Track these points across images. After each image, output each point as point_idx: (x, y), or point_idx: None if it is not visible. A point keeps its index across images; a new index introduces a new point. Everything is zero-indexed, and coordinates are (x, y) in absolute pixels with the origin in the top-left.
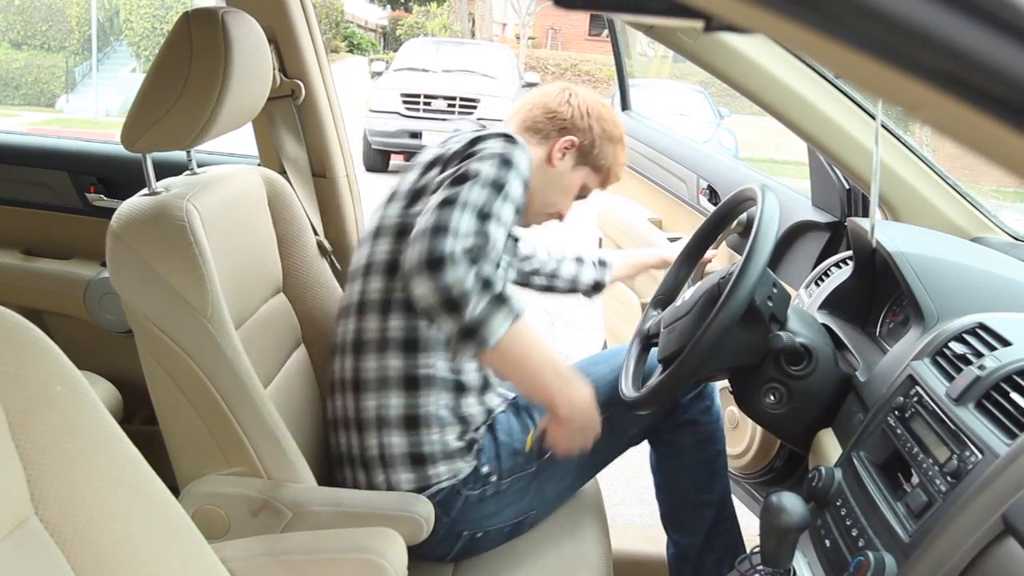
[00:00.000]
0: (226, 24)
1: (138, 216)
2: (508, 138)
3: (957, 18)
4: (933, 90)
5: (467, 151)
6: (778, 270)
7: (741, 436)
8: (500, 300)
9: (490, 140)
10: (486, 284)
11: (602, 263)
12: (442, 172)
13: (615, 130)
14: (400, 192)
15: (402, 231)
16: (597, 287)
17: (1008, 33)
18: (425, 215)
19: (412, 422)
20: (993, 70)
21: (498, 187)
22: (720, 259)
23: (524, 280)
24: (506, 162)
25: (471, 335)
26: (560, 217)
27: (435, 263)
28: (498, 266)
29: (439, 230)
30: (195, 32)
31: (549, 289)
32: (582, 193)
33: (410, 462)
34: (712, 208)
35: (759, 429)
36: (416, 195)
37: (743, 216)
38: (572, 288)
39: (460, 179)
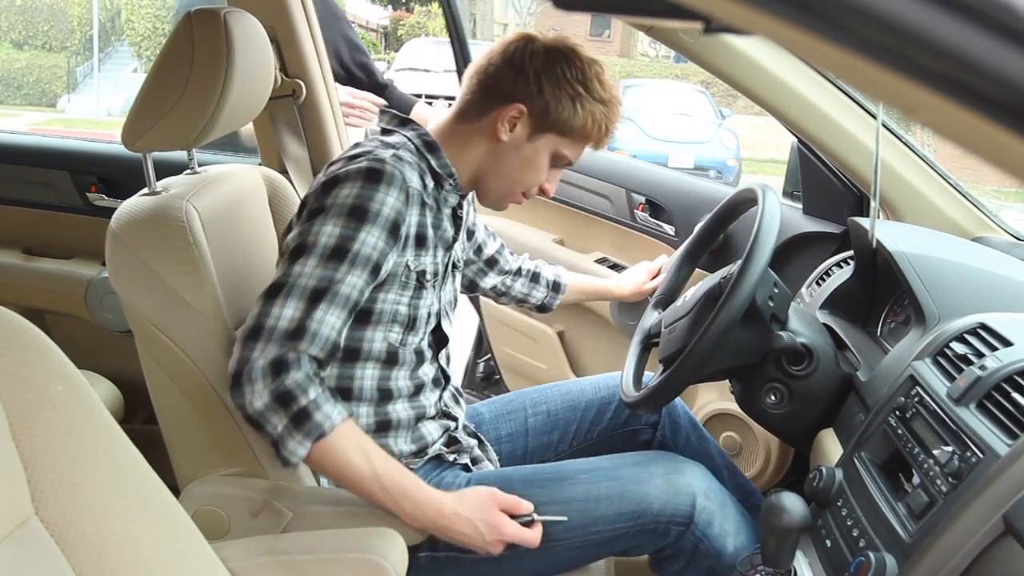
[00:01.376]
0: (228, 24)
1: (137, 216)
2: (370, 174)
3: (955, 21)
4: (932, 93)
5: (318, 203)
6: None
7: (752, 457)
8: (301, 417)
9: (346, 185)
10: (285, 399)
11: (556, 287)
12: (312, 200)
13: (582, 83)
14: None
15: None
16: (542, 309)
17: (1006, 36)
18: (256, 303)
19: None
20: (991, 73)
21: (340, 255)
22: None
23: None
24: (357, 215)
25: (276, 449)
26: (541, 193)
27: (235, 378)
28: (332, 351)
29: (251, 337)
30: (197, 32)
31: (496, 299)
32: (559, 162)
33: None
34: (656, 223)
35: (772, 447)
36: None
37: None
38: (519, 303)
39: (296, 252)
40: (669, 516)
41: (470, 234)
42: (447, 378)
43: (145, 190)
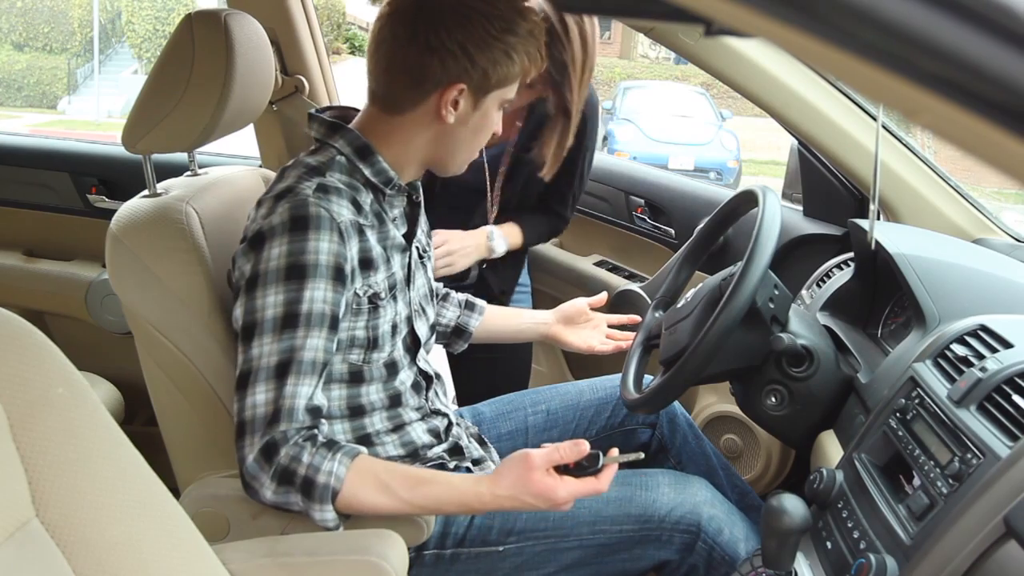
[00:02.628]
0: (228, 26)
1: (137, 218)
2: (295, 224)
3: (955, 24)
4: (932, 96)
5: (252, 269)
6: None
7: (752, 460)
8: (308, 487)
9: (274, 243)
10: (287, 477)
11: (470, 306)
12: (242, 275)
13: (509, 30)
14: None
15: None
16: (459, 332)
17: (1005, 39)
18: (235, 398)
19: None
20: (991, 76)
21: (292, 322)
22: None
23: None
24: (295, 274)
25: (317, 520)
26: (497, 134)
27: (243, 482)
28: (316, 413)
29: (239, 436)
30: (198, 34)
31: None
32: (505, 107)
33: None
34: (655, 225)
35: (773, 449)
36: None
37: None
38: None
39: (248, 332)
40: (674, 523)
41: None
42: (429, 377)
43: (145, 192)
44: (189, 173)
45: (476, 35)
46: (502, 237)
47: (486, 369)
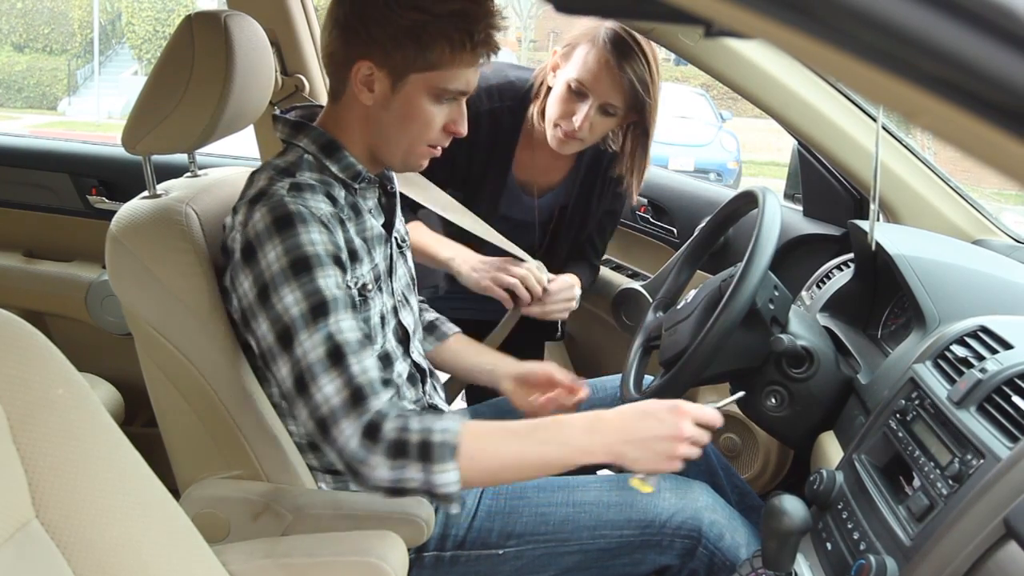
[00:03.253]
0: (228, 27)
1: (137, 219)
2: (279, 223)
3: (955, 25)
4: (932, 97)
5: (256, 281)
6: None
7: (751, 460)
8: (426, 450)
9: (267, 248)
10: (401, 449)
11: (431, 328)
12: (245, 293)
13: (413, 5)
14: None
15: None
16: (431, 328)
17: (1005, 40)
18: (294, 406)
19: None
20: (991, 77)
21: (321, 310)
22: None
23: None
24: (301, 266)
25: (434, 499)
26: (454, 135)
27: (350, 471)
28: (389, 382)
29: (323, 433)
30: (198, 35)
31: None
32: (446, 96)
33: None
34: (658, 225)
35: (772, 449)
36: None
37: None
38: None
39: (283, 339)
40: (675, 528)
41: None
42: (423, 371)
43: (145, 193)
44: (189, 174)
45: (375, 10)
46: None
47: None
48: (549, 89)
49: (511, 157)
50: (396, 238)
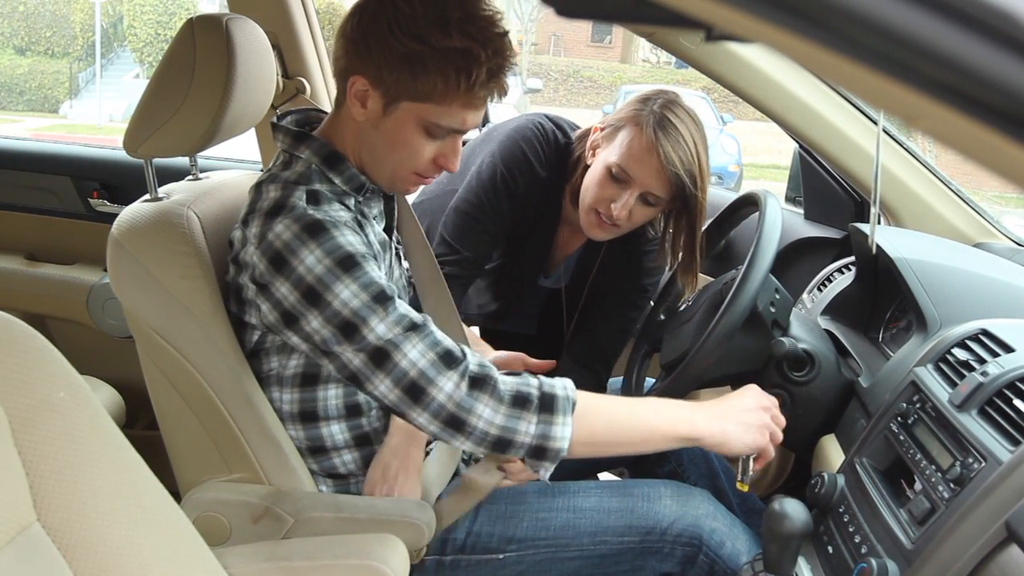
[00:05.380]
0: (230, 30)
1: (139, 223)
2: (309, 230)
3: (955, 30)
4: (933, 101)
5: (297, 287)
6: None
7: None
8: (547, 402)
9: (303, 254)
10: (520, 400)
11: None
12: (284, 298)
13: (414, 35)
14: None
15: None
16: None
17: (1006, 45)
18: (373, 382)
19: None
20: (992, 82)
21: (380, 298)
22: None
23: None
24: (346, 263)
25: (536, 454)
26: (444, 168)
27: (454, 423)
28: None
29: (420, 392)
30: (199, 38)
31: None
32: (439, 132)
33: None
34: None
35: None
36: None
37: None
38: None
39: (348, 332)
40: (676, 535)
41: None
42: None
43: (147, 196)
44: (191, 177)
45: (379, 28)
46: None
47: None
48: (585, 168)
49: (555, 232)
50: (394, 241)
